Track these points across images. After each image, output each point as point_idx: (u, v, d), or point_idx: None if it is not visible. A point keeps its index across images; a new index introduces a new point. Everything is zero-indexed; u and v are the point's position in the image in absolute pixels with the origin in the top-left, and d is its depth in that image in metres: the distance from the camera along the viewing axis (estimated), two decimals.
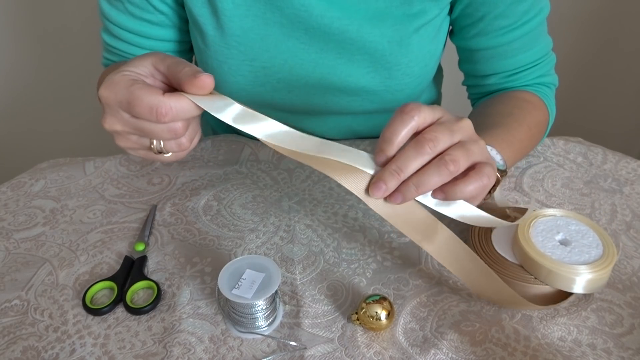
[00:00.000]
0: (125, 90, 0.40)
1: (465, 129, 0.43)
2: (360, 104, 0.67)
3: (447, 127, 0.42)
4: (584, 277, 0.48)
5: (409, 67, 0.63)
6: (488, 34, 0.62)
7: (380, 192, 0.42)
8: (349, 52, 0.62)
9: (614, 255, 0.49)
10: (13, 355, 0.47)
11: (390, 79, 0.63)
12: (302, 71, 0.64)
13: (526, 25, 0.61)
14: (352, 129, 0.75)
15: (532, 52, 0.64)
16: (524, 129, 0.61)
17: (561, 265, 0.48)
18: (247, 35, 0.62)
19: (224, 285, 0.47)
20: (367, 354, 0.46)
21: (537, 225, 0.53)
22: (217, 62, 0.64)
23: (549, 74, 0.68)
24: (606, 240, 0.51)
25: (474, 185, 0.43)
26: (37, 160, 0.74)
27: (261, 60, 0.63)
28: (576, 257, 0.49)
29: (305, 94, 0.66)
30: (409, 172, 0.42)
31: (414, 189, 0.42)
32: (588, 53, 1.45)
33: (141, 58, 0.43)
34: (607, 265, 0.48)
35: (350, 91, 0.65)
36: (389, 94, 0.65)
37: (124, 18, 0.65)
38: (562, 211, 0.55)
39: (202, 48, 0.64)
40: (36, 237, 0.60)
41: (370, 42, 0.61)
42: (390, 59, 0.62)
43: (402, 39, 0.61)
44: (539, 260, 0.49)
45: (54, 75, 1.39)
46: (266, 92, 0.66)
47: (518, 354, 0.46)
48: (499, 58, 0.64)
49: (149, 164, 0.71)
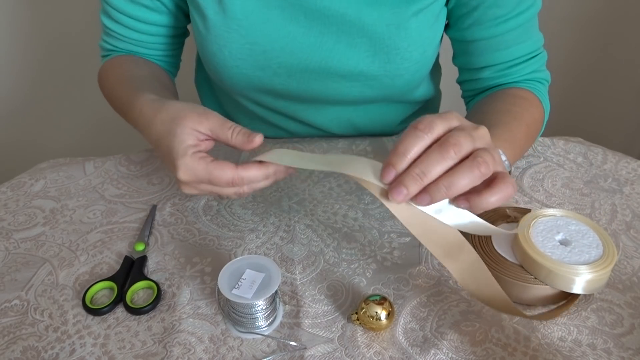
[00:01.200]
0: (204, 171, 0.48)
1: (484, 137, 0.43)
2: (359, 90, 0.68)
3: (469, 133, 0.42)
4: (584, 277, 0.48)
5: (408, 52, 0.64)
6: (483, 24, 0.63)
7: (401, 196, 0.41)
8: (348, 36, 0.63)
9: (614, 255, 0.49)
10: (13, 355, 0.47)
11: (389, 63, 0.64)
12: (302, 55, 0.65)
13: (520, 16, 0.62)
14: (352, 122, 0.76)
15: (525, 45, 0.65)
16: (523, 128, 0.61)
17: (561, 265, 0.48)
18: (248, 19, 0.62)
19: (224, 285, 0.47)
20: (367, 354, 0.46)
21: (537, 225, 0.53)
22: (217, 47, 0.64)
23: (541, 70, 0.69)
24: (606, 240, 0.51)
25: (499, 196, 0.42)
26: (37, 160, 0.74)
27: (262, 44, 0.64)
28: (576, 257, 0.49)
29: (305, 79, 0.67)
30: (432, 176, 0.41)
31: (445, 190, 0.41)
32: (588, 53, 1.45)
33: (180, 126, 0.49)
34: (607, 266, 0.48)
35: (350, 76, 0.66)
36: (387, 79, 0.66)
37: (122, 2, 0.67)
38: (562, 211, 0.55)
39: (203, 33, 0.65)
40: (36, 237, 0.60)
41: (369, 25, 0.62)
42: (389, 42, 0.63)
43: (400, 22, 0.62)
44: (539, 260, 0.49)
45: (54, 75, 1.39)
46: (266, 77, 0.66)
47: (518, 354, 0.46)
48: (493, 50, 0.65)
49: (149, 164, 0.71)
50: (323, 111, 0.73)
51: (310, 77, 0.67)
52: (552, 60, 1.51)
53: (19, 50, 1.33)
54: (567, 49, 1.44)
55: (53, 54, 1.35)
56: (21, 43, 1.32)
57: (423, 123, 0.42)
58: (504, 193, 0.42)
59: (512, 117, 0.61)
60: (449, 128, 0.43)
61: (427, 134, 0.42)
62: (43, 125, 1.47)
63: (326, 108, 0.73)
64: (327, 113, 0.74)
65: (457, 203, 0.43)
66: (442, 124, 0.42)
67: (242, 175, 0.48)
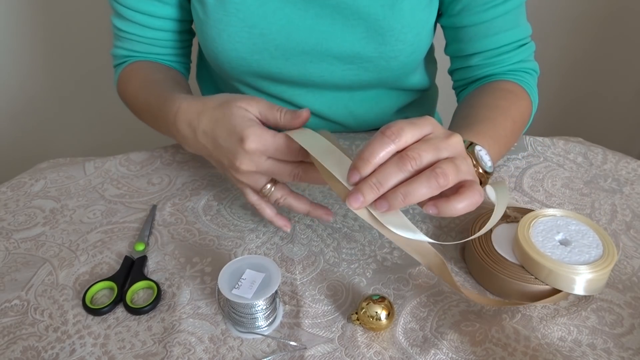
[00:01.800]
0: (272, 140, 0.49)
1: (453, 146, 0.44)
2: (355, 72, 0.69)
3: (434, 145, 0.43)
4: (584, 276, 0.48)
5: (402, 33, 0.65)
6: (471, 10, 0.65)
7: (357, 203, 0.43)
8: (344, 17, 0.64)
9: (614, 255, 0.50)
10: (13, 355, 0.47)
11: (384, 45, 0.65)
12: (299, 37, 0.66)
13: (507, 2, 0.64)
14: (348, 108, 0.76)
15: (513, 32, 0.67)
16: (508, 124, 0.62)
17: (561, 265, 0.48)
18: (245, 2, 0.64)
19: (224, 285, 0.47)
20: (367, 354, 0.46)
21: (537, 225, 0.53)
22: (216, 31, 0.65)
23: (529, 60, 0.70)
24: (606, 240, 0.51)
25: (466, 203, 0.44)
26: (37, 160, 0.74)
27: (259, 27, 0.65)
28: (576, 257, 0.49)
29: (301, 61, 0.68)
30: (388, 187, 0.43)
31: (402, 198, 0.43)
32: (589, 53, 1.45)
33: (234, 107, 0.51)
34: (607, 266, 0.48)
35: (346, 58, 0.67)
36: (383, 61, 0.67)
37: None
38: (562, 211, 0.55)
39: (203, 19, 0.66)
40: (36, 237, 0.60)
41: (364, 6, 0.63)
42: (384, 23, 0.64)
43: (394, 3, 0.63)
44: (539, 260, 0.49)
45: (55, 75, 1.39)
46: (264, 59, 0.67)
47: (518, 354, 0.46)
48: (482, 36, 0.67)
49: (149, 164, 0.71)
50: (320, 96, 0.74)
51: (307, 60, 0.68)
52: (553, 60, 1.52)
53: (20, 50, 1.33)
54: (567, 49, 1.44)
55: (54, 54, 1.35)
56: (22, 43, 1.32)
57: (391, 129, 0.43)
58: (470, 200, 0.44)
59: (499, 112, 0.62)
60: (420, 135, 0.44)
61: (393, 141, 0.43)
62: (43, 125, 1.47)
63: (323, 93, 0.74)
64: (324, 98, 0.75)
65: (426, 209, 0.45)
66: (411, 131, 0.44)
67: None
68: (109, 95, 1.10)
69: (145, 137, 1.10)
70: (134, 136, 1.29)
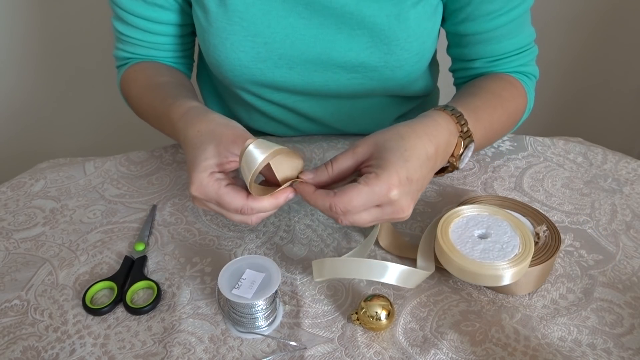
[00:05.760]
0: (214, 194, 0.48)
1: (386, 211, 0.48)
2: (359, 82, 0.68)
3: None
4: (508, 271, 0.47)
5: (408, 42, 0.64)
6: (475, 19, 0.65)
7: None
8: (349, 27, 0.64)
9: (531, 248, 0.49)
10: (13, 355, 0.47)
11: (389, 54, 0.65)
12: (303, 46, 0.65)
13: (511, 12, 0.64)
14: (351, 116, 0.76)
15: (516, 39, 0.67)
16: (504, 118, 0.64)
17: (474, 262, 0.48)
18: (249, 11, 0.63)
19: (224, 285, 0.47)
20: (367, 354, 0.46)
21: (456, 223, 0.52)
22: (219, 39, 0.65)
23: (530, 64, 0.70)
24: (524, 234, 0.50)
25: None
26: (37, 160, 0.74)
27: (263, 36, 0.64)
28: (496, 253, 0.49)
29: (305, 70, 0.67)
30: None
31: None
32: (589, 53, 1.45)
33: (212, 143, 0.51)
34: (524, 259, 0.48)
35: (350, 67, 0.67)
36: (388, 70, 0.67)
37: (136, 4, 0.67)
38: (480, 207, 0.54)
39: (205, 26, 0.65)
40: (36, 237, 0.60)
41: (369, 16, 0.63)
42: (389, 33, 0.63)
43: (400, 13, 0.62)
44: (452, 257, 0.48)
45: (55, 75, 1.39)
46: (267, 68, 0.67)
47: (518, 354, 0.46)
48: (485, 44, 0.67)
49: (149, 164, 0.71)
50: (322, 103, 0.74)
51: (311, 69, 0.67)
52: (553, 60, 1.51)
53: (20, 50, 1.33)
54: (567, 49, 1.44)
55: (54, 54, 1.35)
56: (22, 43, 1.32)
57: (339, 208, 0.47)
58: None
59: (498, 101, 0.63)
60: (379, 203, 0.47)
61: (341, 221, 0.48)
62: (43, 125, 1.47)
63: (326, 101, 0.74)
64: (327, 106, 0.74)
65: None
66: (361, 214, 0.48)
67: (253, 205, 0.48)
68: (109, 95, 1.10)
69: (145, 137, 1.10)
70: (134, 136, 1.29)
